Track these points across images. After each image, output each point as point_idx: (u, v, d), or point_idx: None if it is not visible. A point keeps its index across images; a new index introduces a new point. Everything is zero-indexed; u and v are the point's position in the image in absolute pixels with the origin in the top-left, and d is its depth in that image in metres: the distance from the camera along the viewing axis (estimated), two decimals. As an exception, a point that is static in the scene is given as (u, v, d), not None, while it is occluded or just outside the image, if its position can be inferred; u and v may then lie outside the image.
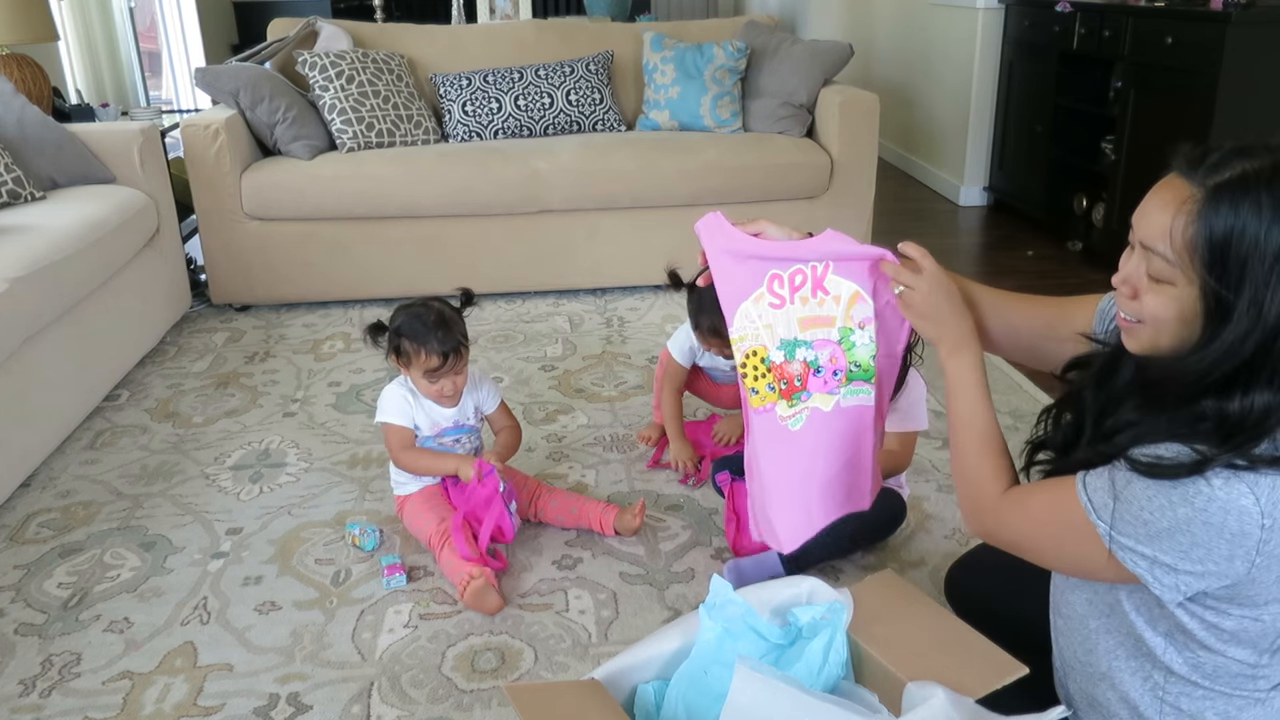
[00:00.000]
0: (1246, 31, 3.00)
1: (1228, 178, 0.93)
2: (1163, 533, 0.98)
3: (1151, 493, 0.98)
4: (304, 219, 3.28)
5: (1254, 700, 1.07)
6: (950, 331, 1.23)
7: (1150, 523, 0.98)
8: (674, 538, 2.01)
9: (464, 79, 3.63)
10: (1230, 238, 0.92)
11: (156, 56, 6.98)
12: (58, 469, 2.33)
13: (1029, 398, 2.58)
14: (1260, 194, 0.92)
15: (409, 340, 1.89)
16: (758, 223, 1.31)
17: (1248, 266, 0.92)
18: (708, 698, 1.22)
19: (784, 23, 6.44)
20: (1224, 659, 1.05)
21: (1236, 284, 0.93)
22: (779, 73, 3.61)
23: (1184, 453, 0.97)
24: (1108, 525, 1.01)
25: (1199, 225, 0.94)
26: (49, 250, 2.35)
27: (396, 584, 1.86)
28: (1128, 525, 1.00)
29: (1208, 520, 0.95)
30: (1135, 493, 1.00)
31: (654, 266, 3.46)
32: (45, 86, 3.62)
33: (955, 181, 4.90)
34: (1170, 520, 0.97)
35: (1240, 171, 0.93)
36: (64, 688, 1.61)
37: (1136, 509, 0.99)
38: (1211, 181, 0.94)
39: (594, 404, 2.63)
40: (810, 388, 1.30)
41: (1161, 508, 0.97)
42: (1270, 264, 0.92)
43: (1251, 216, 0.91)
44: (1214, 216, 0.93)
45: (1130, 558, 1.01)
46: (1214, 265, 0.93)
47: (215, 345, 3.10)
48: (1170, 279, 0.97)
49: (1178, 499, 0.96)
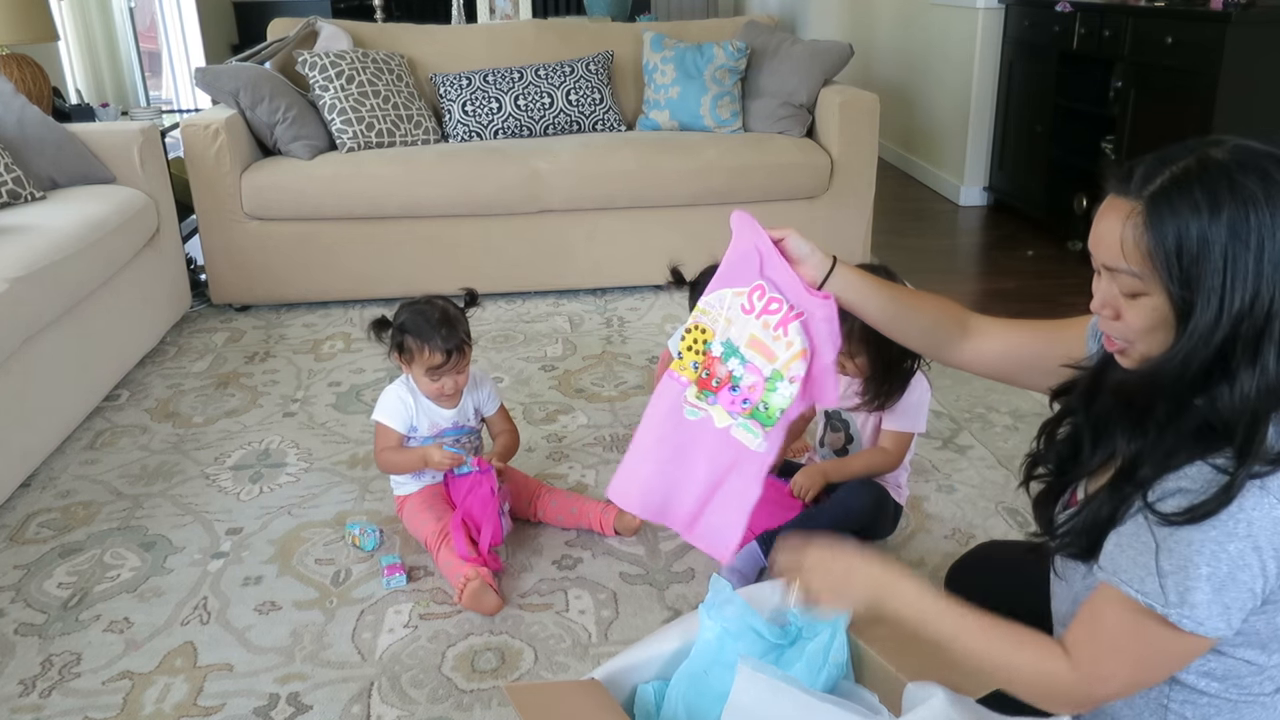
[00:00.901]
0: (1246, 31, 3.00)
1: (1160, 184, 0.96)
2: (1228, 579, 0.95)
3: (1196, 544, 0.96)
4: (304, 219, 3.28)
5: (1258, 704, 1.07)
6: (866, 586, 1.17)
7: (1212, 576, 0.95)
8: (674, 538, 2.00)
9: (464, 79, 3.63)
10: (1179, 240, 0.95)
11: (156, 56, 6.98)
12: (58, 469, 2.33)
13: (1029, 397, 2.58)
14: (1194, 191, 0.95)
15: (413, 337, 1.89)
16: (786, 229, 1.32)
17: (1200, 262, 0.94)
18: (708, 698, 1.22)
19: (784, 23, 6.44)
20: (1233, 660, 1.05)
21: (1196, 281, 0.95)
22: (779, 73, 3.61)
23: (1208, 477, 0.96)
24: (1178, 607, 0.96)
25: (1147, 235, 0.96)
26: (49, 250, 2.35)
27: (396, 584, 1.86)
28: (1194, 592, 0.96)
29: (1257, 545, 0.94)
30: (1182, 553, 0.96)
31: (654, 266, 3.46)
32: (45, 86, 3.62)
33: (955, 181, 4.90)
34: (1228, 562, 0.95)
35: (1170, 175, 0.96)
36: (64, 688, 1.61)
37: (1193, 569, 0.96)
38: (1147, 192, 0.97)
39: (594, 404, 2.63)
40: (720, 398, 1.33)
41: (1215, 555, 0.95)
42: (1221, 252, 0.94)
43: (1192, 215, 0.94)
44: (1158, 224, 0.96)
45: (1213, 626, 0.96)
46: (1171, 269, 0.95)
47: (215, 345, 3.10)
48: (1143, 290, 0.99)
49: (1223, 536, 0.95)
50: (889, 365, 1.83)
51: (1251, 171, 0.95)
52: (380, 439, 1.97)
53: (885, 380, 1.84)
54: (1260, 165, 0.95)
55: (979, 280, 3.84)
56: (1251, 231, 0.93)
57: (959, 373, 2.75)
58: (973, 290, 3.66)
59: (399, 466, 1.97)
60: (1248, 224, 0.93)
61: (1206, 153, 0.97)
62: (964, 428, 2.46)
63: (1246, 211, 0.93)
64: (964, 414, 2.53)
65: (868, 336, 1.78)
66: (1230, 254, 0.93)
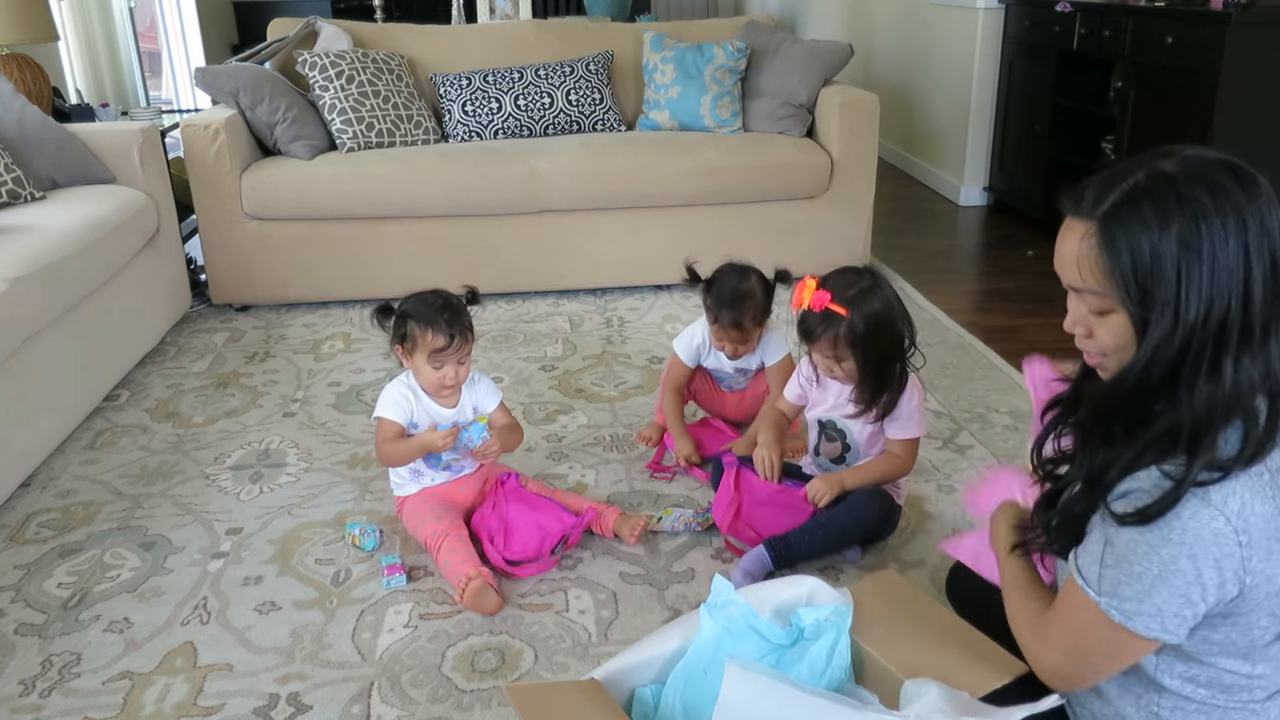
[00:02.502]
0: (1246, 31, 3.00)
1: (1111, 203, 0.98)
2: (1157, 581, 0.98)
3: (1134, 543, 0.99)
4: (304, 219, 3.28)
5: (1248, 712, 1.07)
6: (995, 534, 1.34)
7: (1143, 575, 0.99)
8: (674, 538, 2.01)
9: (464, 79, 3.63)
10: (1132, 257, 0.97)
11: (156, 56, 6.98)
12: (58, 469, 2.33)
13: (1027, 397, 2.58)
14: (1142, 206, 0.96)
15: (416, 322, 1.89)
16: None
17: (1154, 276, 0.96)
18: (705, 697, 1.22)
19: (784, 23, 6.44)
20: (1216, 670, 1.06)
21: (1151, 296, 0.97)
22: (779, 73, 3.61)
23: (1156, 481, 0.98)
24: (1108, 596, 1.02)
25: (1102, 255, 0.98)
26: (49, 250, 2.35)
27: (396, 584, 1.86)
28: (1124, 587, 1.01)
29: (1192, 553, 0.96)
30: (1121, 549, 1.01)
31: (654, 266, 3.49)
32: (45, 86, 3.62)
33: (955, 181, 4.90)
34: (1159, 565, 0.98)
35: (1120, 193, 0.98)
36: (64, 688, 1.61)
37: (1127, 565, 1.00)
38: (1099, 211, 0.99)
39: (594, 404, 2.63)
40: None
41: (1146, 555, 0.98)
42: (1173, 266, 0.95)
43: (1142, 231, 0.96)
44: (1111, 242, 0.98)
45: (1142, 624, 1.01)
46: (1128, 286, 0.98)
47: (215, 345, 3.10)
48: (1109, 308, 1.01)
49: (1158, 540, 0.98)
50: (879, 367, 1.81)
51: (1200, 182, 0.96)
52: (381, 433, 1.96)
53: (877, 384, 1.83)
54: (1209, 175, 0.96)
55: (979, 280, 3.84)
56: (1203, 242, 0.95)
57: (959, 372, 2.76)
58: (973, 290, 3.66)
59: (399, 456, 1.95)
60: (1198, 235, 0.95)
61: (1155, 166, 0.98)
62: (964, 428, 2.46)
63: (1196, 224, 0.95)
64: (964, 414, 2.53)
65: (853, 340, 1.78)
66: (1182, 267, 0.95)
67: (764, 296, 2.17)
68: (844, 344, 1.79)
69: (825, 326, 1.79)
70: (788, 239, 3.44)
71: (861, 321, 1.76)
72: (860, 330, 1.77)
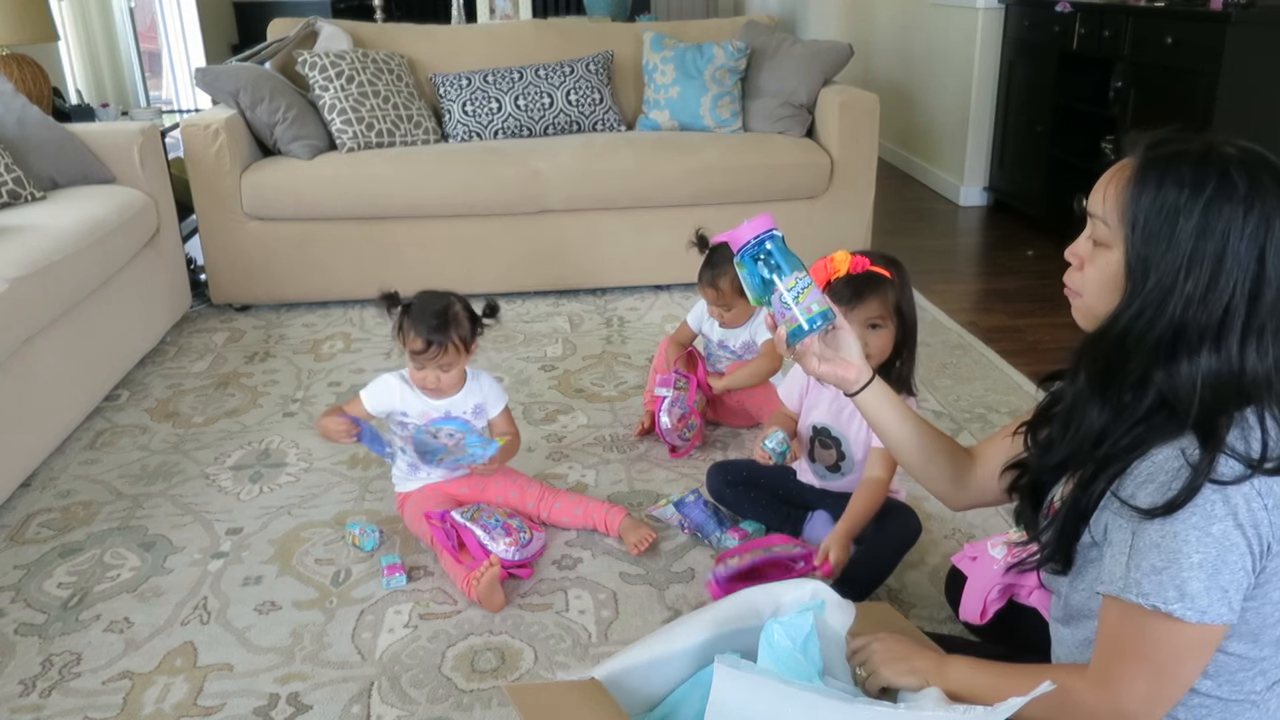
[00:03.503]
0: (1246, 31, 3.00)
1: (1161, 152, 1.01)
2: (1219, 562, 0.96)
3: (1180, 535, 0.96)
4: (304, 219, 3.28)
5: (1250, 704, 1.07)
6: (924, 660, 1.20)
7: (1203, 562, 0.96)
8: (674, 538, 2.01)
9: (464, 79, 3.63)
10: (1153, 204, 0.99)
11: (156, 56, 6.98)
12: (58, 469, 2.33)
13: (1029, 398, 2.58)
14: (1183, 169, 0.99)
15: (407, 318, 1.92)
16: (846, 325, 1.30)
17: (1164, 231, 0.98)
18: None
19: (784, 23, 6.44)
20: (1223, 656, 1.05)
21: (1155, 247, 0.99)
22: (779, 73, 3.61)
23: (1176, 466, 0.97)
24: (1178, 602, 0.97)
25: (1128, 190, 1.01)
26: (49, 250, 2.35)
27: (396, 584, 1.86)
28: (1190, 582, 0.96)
29: (1239, 521, 0.96)
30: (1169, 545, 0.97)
31: (654, 266, 3.48)
32: (45, 86, 3.62)
33: (955, 181, 4.90)
34: (1215, 545, 0.96)
35: (1173, 149, 1.01)
36: (64, 688, 1.61)
37: (1184, 559, 0.96)
38: (1149, 155, 1.02)
39: (594, 404, 2.63)
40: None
41: (1200, 539, 0.96)
42: (1190, 231, 0.97)
43: (1174, 185, 0.98)
44: (1141, 184, 1.00)
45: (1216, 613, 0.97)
46: (1136, 226, 1.00)
47: (215, 345, 3.10)
48: (1108, 242, 1.04)
49: (1203, 520, 0.96)
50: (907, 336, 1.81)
51: (1246, 172, 0.97)
52: (348, 403, 2.00)
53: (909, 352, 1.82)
54: (1257, 170, 0.98)
55: (979, 280, 3.84)
56: (1219, 223, 0.97)
57: (959, 372, 2.76)
58: (973, 290, 3.66)
59: (321, 426, 1.97)
60: (1220, 214, 0.96)
61: (1217, 141, 1.01)
62: (964, 428, 2.46)
63: (1223, 203, 0.96)
64: (964, 414, 2.53)
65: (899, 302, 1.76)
66: (1197, 235, 0.97)
67: None
68: (890, 305, 1.76)
69: (873, 287, 1.74)
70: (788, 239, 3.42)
71: (903, 286, 1.77)
72: (904, 295, 1.78)
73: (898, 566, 1.84)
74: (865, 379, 1.29)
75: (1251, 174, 0.97)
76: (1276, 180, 0.98)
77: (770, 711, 1.09)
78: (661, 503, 2.06)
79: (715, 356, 2.47)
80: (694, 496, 2.01)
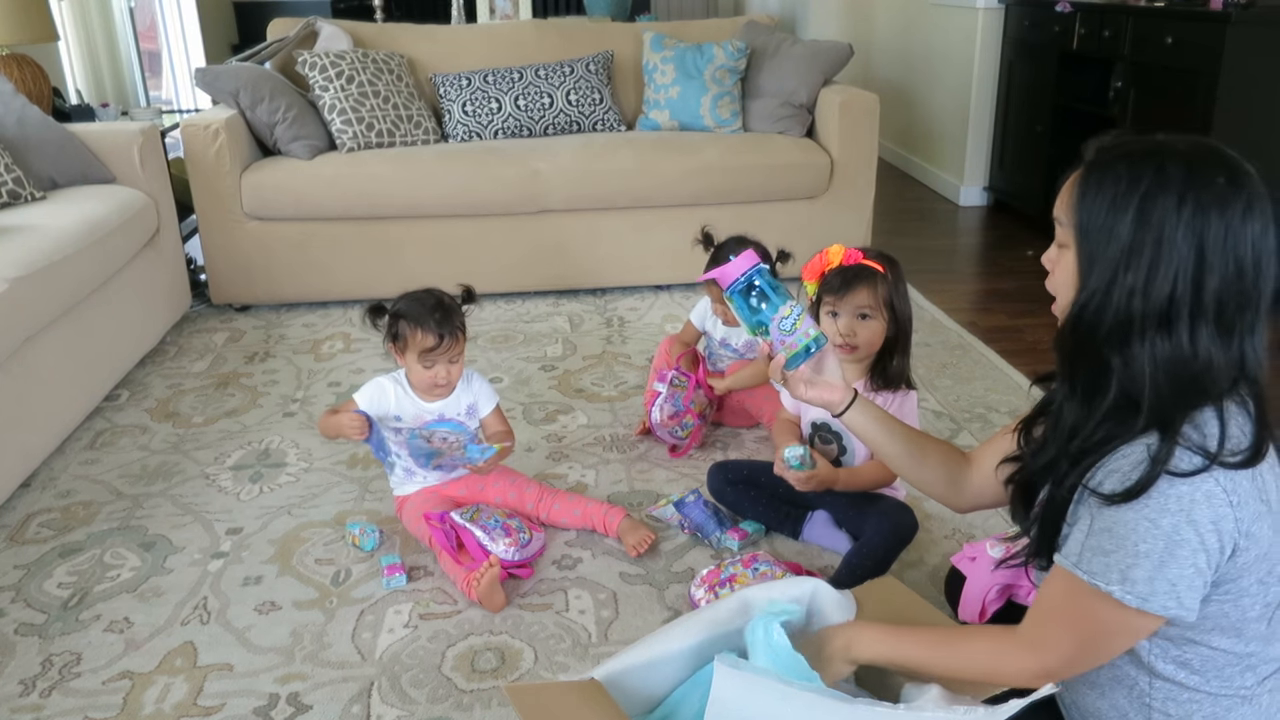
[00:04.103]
0: (1246, 31, 3.00)
1: (1104, 155, 1.05)
2: (1165, 555, 0.98)
3: (1132, 522, 0.99)
4: (304, 219, 3.28)
5: (1241, 699, 1.07)
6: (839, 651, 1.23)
7: (1150, 552, 0.98)
8: (674, 538, 2.01)
9: (464, 79, 3.63)
10: (1095, 202, 1.03)
11: (156, 56, 6.97)
12: (58, 469, 2.33)
13: (1029, 398, 2.58)
14: (1121, 166, 1.02)
15: (407, 321, 1.90)
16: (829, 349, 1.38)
17: (1105, 227, 1.02)
18: None
19: (784, 23, 6.44)
20: (1208, 650, 1.05)
21: (1097, 242, 1.03)
22: (779, 73, 3.61)
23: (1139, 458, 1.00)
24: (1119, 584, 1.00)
25: (1075, 191, 1.05)
26: (49, 250, 2.35)
27: (396, 584, 1.86)
28: (1135, 569, 0.99)
29: (1191, 518, 0.97)
30: (1119, 531, 1.00)
31: (654, 266, 3.49)
32: (45, 86, 3.62)
33: (955, 181, 4.90)
34: (1164, 538, 0.98)
35: (1115, 151, 1.04)
36: (64, 688, 1.61)
37: (1131, 546, 0.99)
38: (1094, 158, 1.06)
39: (594, 404, 2.63)
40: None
41: (1149, 531, 0.98)
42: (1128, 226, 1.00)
43: (1112, 182, 1.02)
44: (1085, 184, 1.04)
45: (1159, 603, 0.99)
46: (1081, 222, 1.04)
47: (215, 345, 3.10)
48: (1066, 243, 1.08)
49: (1155, 512, 0.98)
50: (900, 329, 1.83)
51: (1184, 163, 1.00)
52: (343, 404, 2.00)
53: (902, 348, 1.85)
54: (1199, 163, 1.00)
55: (979, 280, 3.84)
56: (1157, 212, 0.99)
57: (959, 372, 2.76)
58: (973, 290, 3.66)
59: (324, 427, 1.98)
60: (1156, 206, 0.99)
61: (1159, 139, 1.04)
62: (964, 428, 2.46)
63: (1158, 195, 0.99)
64: (964, 414, 2.53)
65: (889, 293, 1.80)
66: (1134, 227, 1.00)
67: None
68: (880, 296, 1.80)
69: (863, 278, 1.80)
70: (788, 239, 3.40)
71: (895, 280, 1.81)
72: (896, 288, 1.81)
73: (896, 565, 1.84)
74: (849, 399, 1.37)
75: (1190, 166, 0.99)
76: (1221, 172, 0.99)
77: (769, 710, 1.09)
78: (661, 503, 2.06)
79: (718, 355, 2.47)
80: (694, 496, 2.02)
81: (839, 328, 1.84)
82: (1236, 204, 0.98)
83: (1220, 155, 1.01)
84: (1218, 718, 1.08)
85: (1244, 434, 1.00)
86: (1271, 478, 1.02)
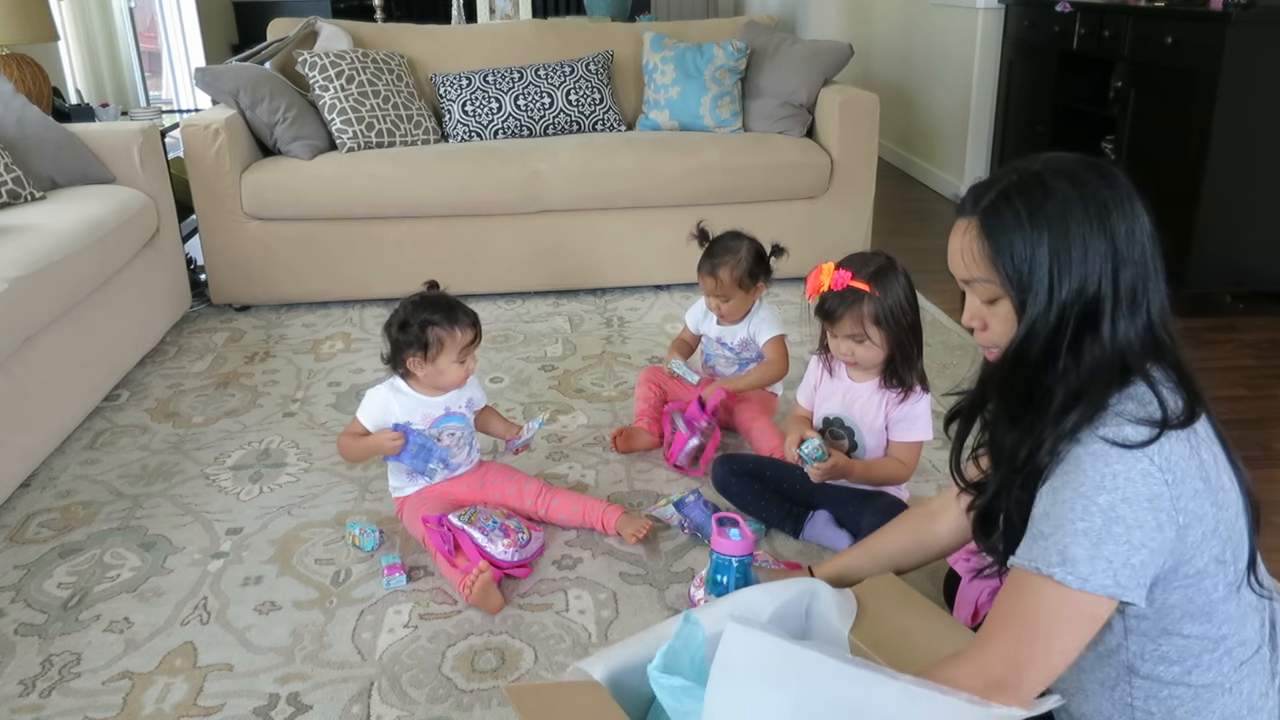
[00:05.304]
0: (1246, 31, 3.00)
1: (989, 200, 1.10)
2: (1103, 532, 1.00)
3: (1069, 503, 1.02)
4: (304, 219, 3.28)
5: (1222, 689, 1.08)
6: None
7: (1088, 530, 1.00)
8: (674, 537, 2.01)
9: (464, 79, 3.63)
10: (1010, 244, 1.07)
11: (156, 56, 6.97)
12: (58, 469, 2.33)
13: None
14: (1015, 203, 1.08)
15: (439, 326, 1.89)
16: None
17: (1030, 261, 1.07)
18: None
19: (784, 23, 6.44)
20: (1183, 639, 1.07)
21: (1028, 278, 1.07)
22: (779, 73, 3.61)
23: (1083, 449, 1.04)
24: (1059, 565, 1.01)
25: (985, 243, 1.09)
26: (49, 250, 2.35)
27: (396, 584, 1.86)
28: (1073, 548, 1.01)
29: (1126, 496, 1.00)
30: (1057, 513, 1.03)
31: (654, 266, 3.49)
32: (45, 86, 3.62)
33: (955, 181, 4.90)
34: (1100, 515, 1.00)
35: (996, 192, 1.10)
36: (64, 688, 1.61)
37: (1069, 525, 1.01)
38: (980, 208, 1.11)
39: (594, 404, 2.63)
40: None
41: (1086, 509, 1.01)
42: (1047, 251, 1.06)
43: (1016, 221, 1.07)
44: (991, 232, 1.09)
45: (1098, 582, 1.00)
46: (1008, 269, 1.08)
47: (215, 345, 3.10)
48: (997, 295, 1.11)
49: (1092, 490, 1.01)
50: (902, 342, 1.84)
51: (1064, 177, 1.08)
52: (349, 428, 2.00)
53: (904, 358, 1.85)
54: (1072, 171, 1.08)
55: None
56: (1070, 227, 1.06)
57: (959, 373, 2.76)
58: (973, 290, 3.66)
59: (353, 454, 1.99)
60: (1065, 223, 1.06)
61: (1024, 167, 1.11)
62: (964, 428, 2.46)
63: (1063, 212, 1.06)
64: (964, 414, 2.53)
65: (878, 315, 1.81)
66: (1054, 250, 1.06)
67: (750, 260, 2.29)
68: (869, 320, 1.81)
69: (848, 304, 1.81)
70: (788, 239, 3.40)
71: (885, 297, 1.80)
72: (885, 305, 1.80)
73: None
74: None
75: (1071, 177, 1.07)
76: (1090, 169, 1.08)
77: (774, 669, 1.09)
78: (661, 503, 2.06)
79: (714, 355, 2.47)
80: (694, 496, 2.02)
81: (838, 351, 1.89)
82: (1122, 197, 1.07)
83: (1085, 161, 1.09)
84: (1200, 711, 1.08)
85: (1175, 398, 1.05)
86: (1209, 455, 1.05)
